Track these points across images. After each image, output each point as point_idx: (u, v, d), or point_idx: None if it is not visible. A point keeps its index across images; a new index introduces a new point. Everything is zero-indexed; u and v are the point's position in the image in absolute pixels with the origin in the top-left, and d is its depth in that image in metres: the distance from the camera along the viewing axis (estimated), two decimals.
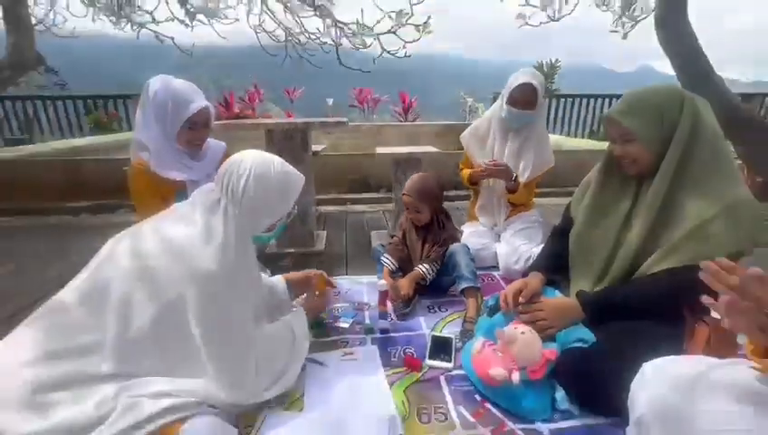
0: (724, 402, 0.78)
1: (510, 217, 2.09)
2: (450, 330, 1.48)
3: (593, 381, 1.01)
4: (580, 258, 1.28)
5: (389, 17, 4.86)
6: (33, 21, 4.37)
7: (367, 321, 1.56)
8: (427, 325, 1.52)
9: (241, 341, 0.99)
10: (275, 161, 1.08)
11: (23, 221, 3.06)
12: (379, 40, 5.11)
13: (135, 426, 0.82)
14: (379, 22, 4.87)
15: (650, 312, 1.04)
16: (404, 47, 5.19)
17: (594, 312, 1.13)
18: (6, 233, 2.81)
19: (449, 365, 1.27)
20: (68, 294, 0.95)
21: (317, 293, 1.47)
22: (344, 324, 1.52)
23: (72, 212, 3.26)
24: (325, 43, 4.96)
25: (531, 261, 1.73)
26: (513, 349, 1.10)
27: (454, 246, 1.66)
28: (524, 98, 1.86)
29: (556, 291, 1.31)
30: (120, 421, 0.82)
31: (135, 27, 5.22)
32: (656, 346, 0.90)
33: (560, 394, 1.10)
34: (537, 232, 2.03)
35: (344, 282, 1.90)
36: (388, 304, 1.53)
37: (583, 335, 1.10)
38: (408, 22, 4.76)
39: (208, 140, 1.63)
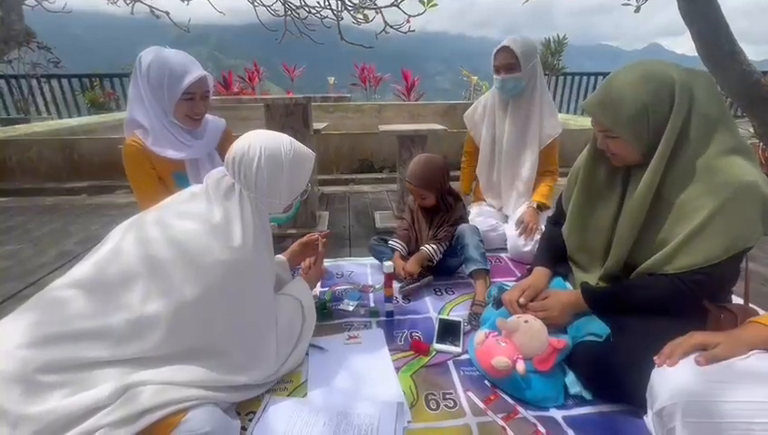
0: (755, 393, 0.74)
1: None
2: (458, 313, 1.44)
3: (610, 373, 0.97)
4: (578, 253, 1.21)
5: None
6: None
7: (371, 304, 1.52)
8: (434, 308, 1.48)
9: (266, 316, 1.04)
10: (284, 140, 1.04)
11: (19, 202, 3.01)
12: (381, 14, 4.91)
13: (135, 415, 0.79)
14: None
15: (656, 312, 0.98)
16: (408, 21, 4.99)
17: (598, 307, 1.07)
18: (2, 213, 2.77)
19: (458, 350, 1.23)
20: (69, 283, 0.89)
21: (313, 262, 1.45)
22: (348, 307, 1.49)
23: (71, 192, 3.21)
24: (326, 17, 4.78)
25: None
26: (516, 338, 1.05)
27: (462, 227, 1.59)
28: (505, 62, 1.79)
29: (566, 283, 1.25)
30: (119, 410, 0.79)
31: (129, 1, 5.03)
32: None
33: (569, 378, 1.06)
34: (545, 212, 1.97)
35: (347, 264, 1.86)
36: (395, 285, 1.49)
37: (596, 329, 1.04)
38: None
39: (207, 116, 1.55)
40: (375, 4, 4.78)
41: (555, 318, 1.10)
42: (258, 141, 1.00)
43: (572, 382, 1.05)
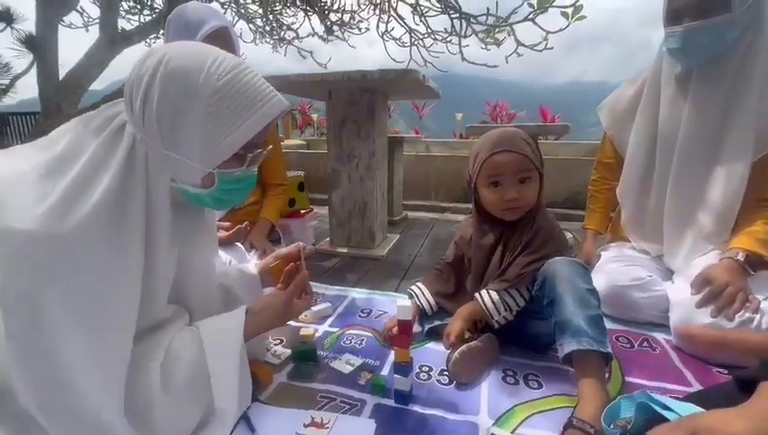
0: None
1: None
2: (537, 432, 0.71)
3: None
4: None
5: (529, 5, 4.03)
6: None
7: (384, 370, 0.91)
8: (490, 410, 0.78)
9: (101, 365, 0.54)
10: (214, 55, 0.59)
11: None
12: (513, 32, 4.32)
13: None
14: (515, 11, 4.10)
15: None
16: (545, 38, 4.26)
17: None
18: None
19: None
20: None
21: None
22: (345, 367, 0.91)
23: None
24: (450, 40, 4.49)
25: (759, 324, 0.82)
26: None
27: (552, 265, 0.85)
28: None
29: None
30: None
31: (283, 45, 5.79)
32: None
33: None
34: (762, 274, 1.01)
35: (382, 300, 1.28)
36: (430, 348, 0.86)
37: None
38: (554, 5, 3.85)
39: None
40: (507, 23, 4.23)
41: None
42: (166, 49, 0.58)
43: None
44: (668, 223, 1.15)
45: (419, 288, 1.06)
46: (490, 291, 0.90)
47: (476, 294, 0.92)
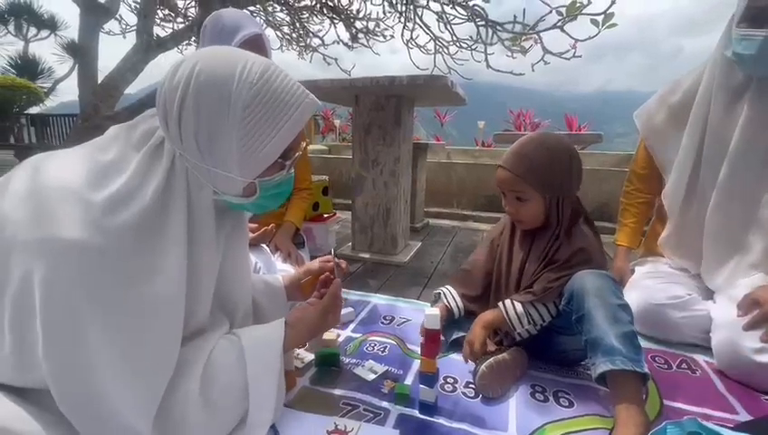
0: None
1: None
2: None
3: None
4: None
5: (558, 13, 3.97)
6: None
7: (407, 379, 0.89)
8: (520, 427, 0.75)
9: (152, 372, 0.55)
10: (247, 61, 0.57)
11: None
12: (540, 39, 4.28)
13: None
14: (543, 19, 4.04)
15: None
16: (574, 46, 4.18)
17: None
18: None
19: None
20: None
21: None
22: (368, 374, 0.89)
23: None
24: (475, 48, 4.47)
25: None
26: None
27: (582, 277, 0.81)
28: None
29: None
30: None
31: (309, 51, 5.91)
32: None
33: None
34: None
35: (406, 307, 1.26)
36: (437, 362, 0.83)
37: None
38: (584, 12, 3.77)
39: None
40: (534, 30, 4.18)
41: None
42: (197, 59, 0.57)
43: None
44: (708, 240, 1.08)
45: (449, 290, 1.04)
46: (515, 302, 0.87)
47: (500, 303, 0.89)
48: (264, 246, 1.23)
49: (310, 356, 0.94)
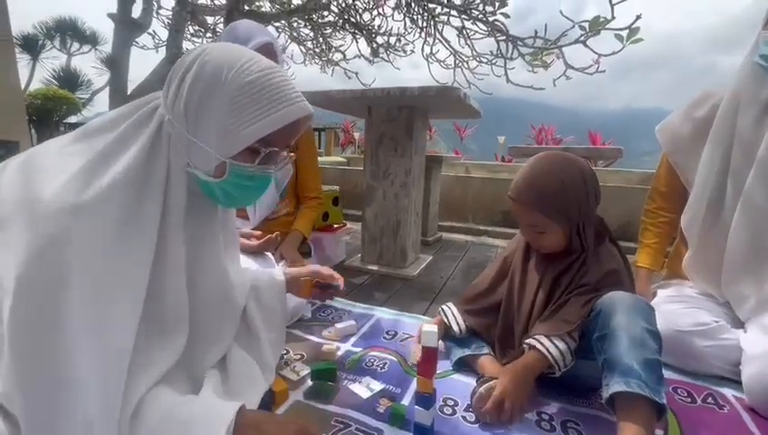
0: None
1: None
2: None
3: None
4: None
5: (580, 27, 3.91)
6: None
7: (404, 399, 0.85)
8: None
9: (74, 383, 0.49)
10: (249, 54, 0.62)
11: None
12: (562, 54, 4.22)
13: None
14: (565, 34, 4.00)
15: None
16: (597, 62, 4.12)
17: None
18: None
19: None
20: None
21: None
22: (365, 391, 0.86)
23: None
24: (495, 63, 4.45)
25: None
26: None
27: (613, 297, 0.76)
28: None
29: None
30: None
31: (331, 66, 6.04)
32: None
33: None
34: None
35: (409, 322, 1.22)
36: (435, 383, 0.79)
37: None
38: (607, 27, 3.71)
39: None
40: (556, 44, 4.13)
41: None
42: (209, 47, 0.62)
43: None
44: (740, 265, 0.99)
45: (449, 308, 1.00)
46: (553, 339, 0.79)
47: (537, 344, 0.79)
48: (268, 254, 1.23)
49: (306, 369, 0.92)
